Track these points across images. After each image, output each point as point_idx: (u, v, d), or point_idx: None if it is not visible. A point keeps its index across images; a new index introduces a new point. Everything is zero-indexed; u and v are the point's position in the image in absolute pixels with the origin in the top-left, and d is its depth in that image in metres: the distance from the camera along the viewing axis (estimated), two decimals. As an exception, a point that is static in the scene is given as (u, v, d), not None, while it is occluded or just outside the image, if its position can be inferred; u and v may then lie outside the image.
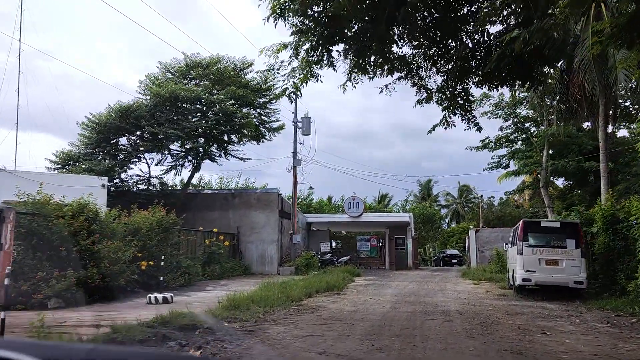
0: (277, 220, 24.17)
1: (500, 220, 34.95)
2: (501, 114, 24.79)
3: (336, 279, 18.37)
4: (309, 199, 43.02)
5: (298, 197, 43.04)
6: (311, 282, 16.11)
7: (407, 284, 19.10)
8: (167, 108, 21.60)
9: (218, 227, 23.50)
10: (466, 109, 11.39)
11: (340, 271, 21.95)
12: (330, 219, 32.06)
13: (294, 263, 23.81)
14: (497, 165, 26.32)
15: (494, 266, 23.60)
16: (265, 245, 23.96)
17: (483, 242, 30.23)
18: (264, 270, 23.76)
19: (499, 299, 13.85)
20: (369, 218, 31.30)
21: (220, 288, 16.17)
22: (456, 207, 68.78)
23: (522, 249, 13.71)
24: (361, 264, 32.22)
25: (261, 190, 24.34)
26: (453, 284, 19.25)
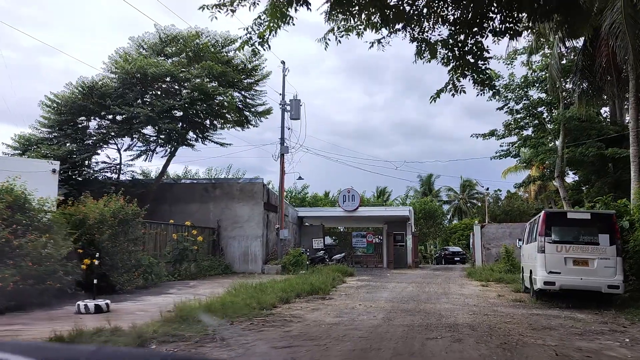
0: (263, 213, 21.79)
1: (507, 215, 32.55)
2: (511, 97, 22.33)
3: (324, 279, 16.02)
4: (303, 192, 40.65)
5: (291, 191, 40.75)
6: (293, 284, 13.74)
7: (406, 285, 16.72)
8: (135, 86, 19.19)
9: (197, 221, 21.15)
10: (479, 69, 9.01)
11: (331, 270, 19.58)
12: (324, 213, 29.67)
13: (281, 261, 21.45)
14: (506, 153, 23.89)
15: (503, 265, 21.22)
16: (249, 241, 21.60)
17: (489, 238, 27.84)
18: (247, 269, 21.40)
19: (515, 305, 11.46)
20: (366, 212, 28.91)
21: (185, 291, 13.80)
22: (458, 203, 66.40)
23: (543, 246, 11.31)
24: (357, 262, 29.86)
25: (244, 180, 21.97)
26: (458, 285, 16.87)
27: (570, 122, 19.78)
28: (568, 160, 21.05)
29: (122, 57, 19.97)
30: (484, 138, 24.30)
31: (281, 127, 22.54)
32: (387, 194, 59.80)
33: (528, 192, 45.18)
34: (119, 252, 13.38)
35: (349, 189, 28.40)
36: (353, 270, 21.27)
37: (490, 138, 24.24)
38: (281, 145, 22.35)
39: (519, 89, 22.25)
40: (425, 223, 42.74)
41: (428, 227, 43.04)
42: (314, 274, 18.04)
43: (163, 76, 18.86)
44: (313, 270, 19.58)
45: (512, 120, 23.38)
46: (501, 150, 23.92)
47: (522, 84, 22.09)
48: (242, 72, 22.07)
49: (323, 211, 30.12)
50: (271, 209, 22.69)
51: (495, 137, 24.19)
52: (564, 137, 20.87)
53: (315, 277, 16.54)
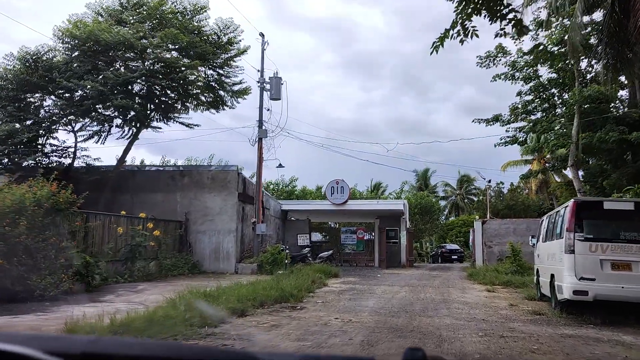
0: (237, 205, 19.19)
1: (510, 210, 30.07)
2: (519, 76, 19.76)
3: (301, 282, 13.48)
4: (291, 185, 38.06)
5: (278, 184, 38.18)
6: (258, 289, 11.17)
7: (398, 289, 14.19)
8: (86, 56, 16.52)
9: (162, 213, 18.56)
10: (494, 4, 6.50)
11: (313, 271, 17.03)
12: (310, 206, 27.07)
13: (257, 259, 18.88)
14: (512, 140, 21.33)
15: (509, 265, 18.72)
16: (221, 237, 19.01)
17: (491, 235, 25.37)
18: (219, 268, 18.82)
19: (535, 321, 8.93)
20: (356, 206, 26.35)
21: (125, 297, 11.24)
22: (455, 198, 64.05)
23: (572, 245, 8.78)
24: (346, 260, 27.35)
25: (216, 167, 19.37)
26: (459, 290, 14.34)
27: (587, 102, 17.24)
28: (584, 148, 18.53)
29: (73, 25, 17.27)
30: (488, 124, 21.76)
31: (259, 108, 19.95)
32: (382, 188, 57.27)
33: (529, 187, 42.79)
34: (42, 249, 10.79)
35: (338, 180, 25.83)
36: (338, 270, 18.72)
37: (494, 124, 21.71)
38: (259, 129, 19.74)
39: (527, 66, 19.68)
40: (421, 219, 40.27)
41: (424, 223, 40.58)
42: (292, 275, 15.49)
43: (118, 45, 16.18)
44: (292, 271, 17.02)
45: (519, 104, 20.82)
46: (506, 136, 21.40)
47: (531, 61, 19.53)
48: (215, 46, 19.42)
49: (309, 204, 27.53)
50: (247, 200, 20.10)
51: (500, 122, 21.66)
52: (579, 120, 18.34)
53: (291, 280, 14.01)
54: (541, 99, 20.55)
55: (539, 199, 33.26)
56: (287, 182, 38.02)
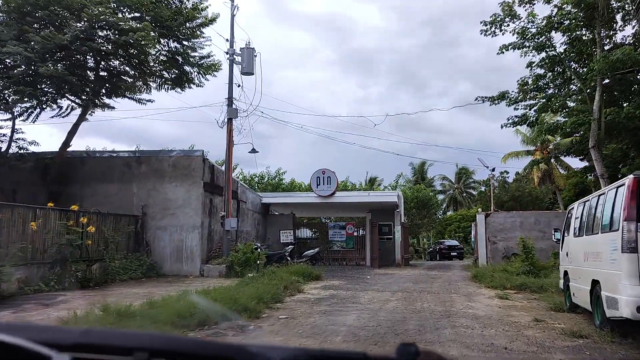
0: (202, 196, 16.45)
1: (516, 201, 27.36)
2: (530, 45, 17.00)
3: (268, 289, 10.81)
4: (278, 178, 35.26)
5: (263, 177, 35.38)
6: (198, 303, 8.44)
7: (389, 296, 11.48)
8: (12, 18, 13.71)
9: (116, 206, 15.84)
10: None
11: (289, 273, 14.34)
12: (294, 199, 24.30)
13: (226, 260, 16.16)
14: (521, 120, 18.59)
15: (519, 264, 16.02)
16: (184, 234, 16.26)
17: (495, 230, 22.69)
18: (181, 270, 16.08)
19: (580, 347, 6.25)
20: (344, 198, 23.61)
21: (22, 314, 8.50)
22: (453, 192, 61.41)
23: (636, 240, 6.10)
24: (334, 258, 24.64)
25: (178, 153, 16.60)
26: (465, 296, 11.63)
27: (612, 70, 14.51)
28: (607, 126, 15.82)
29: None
30: (492, 102, 19.01)
31: (229, 84, 17.18)
32: (377, 182, 54.58)
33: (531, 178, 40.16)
34: None
35: (324, 169, 23.09)
36: (321, 271, 16.00)
37: (500, 102, 18.95)
38: (228, 107, 16.95)
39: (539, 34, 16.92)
40: (418, 213, 37.60)
41: (421, 218, 37.93)
42: (262, 280, 12.82)
43: (48, 2, 13.35)
44: (264, 273, 14.32)
45: (529, 77, 18.05)
46: (515, 116, 18.65)
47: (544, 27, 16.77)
48: (176, 12, 16.64)
49: (293, 197, 24.75)
50: (216, 191, 17.35)
51: (507, 101, 18.90)
52: (601, 94, 15.64)
53: (258, 286, 11.36)
54: (555, 72, 17.80)
55: (541, 192, 30.59)
56: (274, 175, 35.24)
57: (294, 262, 21.25)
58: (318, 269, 17.08)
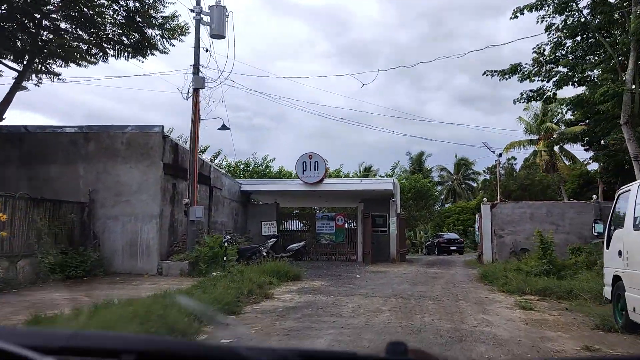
0: (162, 180, 13.88)
1: (525, 191, 24.81)
2: (551, 3, 14.37)
3: (225, 296, 8.35)
4: (265, 165, 32.68)
5: (247, 163, 32.80)
6: (121, 317, 5.92)
7: (380, 305, 8.97)
8: None
9: (59, 191, 13.28)
10: None
11: (261, 272, 11.85)
12: (277, 186, 21.71)
13: (190, 255, 13.63)
14: (537, 95, 16.05)
15: (536, 262, 13.56)
16: (139, 224, 13.71)
17: (502, 222, 20.25)
18: (135, 268, 13.55)
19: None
20: (333, 185, 21.07)
21: None
22: (452, 184, 59.00)
23: None
24: (323, 253, 22.15)
25: (133, 128, 14.00)
26: (476, 305, 9.11)
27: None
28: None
29: None
30: (502, 77, 16.45)
31: (195, 48, 14.52)
32: (372, 172, 52.07)
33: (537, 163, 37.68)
34: None
35: (311, 153, 20.53)
36: (300, 270, 13.48)
37: (512, 77, 16.41)
38: (194, 76, 14.31)
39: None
40: (415, 205, 35.10)
41: (418, 210, 35.43)
42: (224, 281, 10.34)
43: None
44: (228, 272, 11.83)
45: (548, 44, 15.45)
46: (530, 90, 16.06)
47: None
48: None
49: (276, 184, 22.16)
50: (181, 174, 14.79)
51: (519, 75, 16.35)
52: (635, 60, 13.09)
53: (218, 288, 8.91)
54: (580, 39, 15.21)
55: (552, 180, 28.06)
56: (260, 162, 32.66)
57: (276, 257, 18.81)
58: (300, 266, 14.62)
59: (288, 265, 13.31)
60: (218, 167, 30.11)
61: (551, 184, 25.74)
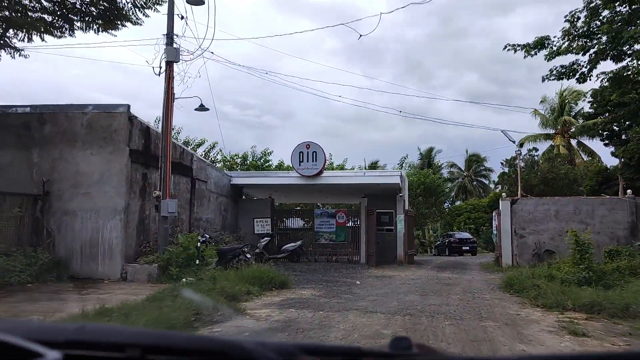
0: (128, 168, 11.84)
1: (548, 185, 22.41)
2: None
3: (180, 314, 6.31)
4: (263, 159, 30.59)
5: (245, 157, 30.71)
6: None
7: (381, 324, 6.82)
8: None
9: (6, 180, 11.30)
10: None
11: (239, 279, 9.78)
12: (271, 180, 19.56)
13: (161, 257, 11.59)
14: (569, 71, 13.78)
15: (570, 267, 11.35)
16: (101, 220, 11.68)
17: (524, 220, 18.04)
18: (95, 272, 11.53)
19: None
20: (334, 178, 18.91)
21: None
22: (463, 181, 56.61)
23: None
24: (321, 254, 20.01)
25: (95, 108, 11.99)
26: (508, 327, 6.89)
27: None
28: None
29: None
30: (528, 52, 14.20)
31: (168, 13, 12.42)
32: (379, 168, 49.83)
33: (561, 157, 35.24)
34: None
35: (308, 143, 18.41)
36: (287, 277, 11.34)
37: (538, 53, 14.17)
38: (167, 47, 12.24)
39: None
40: (425, 202, 32.89)
41: (428, 207, 33.20)
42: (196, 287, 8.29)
43: None
44: (201, 278, 9.77)
45: (582, 10, 13.16)
46: (560, 67, 13.78)
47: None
48: None
49: (270, 177, 20.00)
50: (153, 163, 12.72)
51: (547, 51, 14.09)
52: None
53: (176, 302, 6.86)
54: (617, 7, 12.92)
55: (580, 173, 25.64)
56: (259, 156, 30.57)
57: (269, 258, 16.77)
58: (294, 270, 12.60)
59: (274, 270, 11.19)
60: (212, 161, 28.17)
61: (578, 178, 23.34)
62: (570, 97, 42.10)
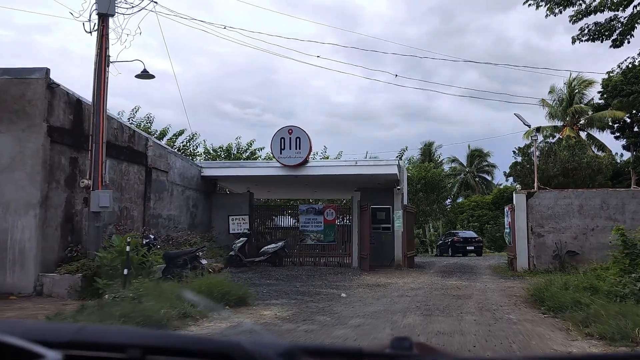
0: (45, 150, 9.21)
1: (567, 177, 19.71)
2: None
3: None
4: (250, 151, 27.90)
5: (228, 149, 28.05)
6: None
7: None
8: None
9: None
10: None
11: (176, 297, 7.16)
12: (248, 170, 16.75)
13: (88, 265, 8.97)
14: (604, 30, 11.13)
15: (616, 275, 8.73)
16: (10, 217, 9.07)
17: (542, 216, 15.47)
18: (4, 284, 8.91)
19: None
20: (321, 169, 16.20)
21: None
22: (465, 177, 53.96)
23: None
24: (308, 256, 17.38)
25: (3, 73, 9.39)
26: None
27: None
28: None
29: None
30: (551, 12, 11.57)
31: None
32: (377, 164, 47.20)
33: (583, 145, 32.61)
34: None
35: (291, 127, 15.80)
36: (246, 290, 8.64)
37: (564, 10, 11.52)
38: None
39: None
40: (426, 198, 30.26)
41: (429, 204, 30.59)
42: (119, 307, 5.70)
43: None
44: (132, 296, 7.15)
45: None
46: (595, 24, 11.15)
47: None
48: None
49: (246, 167, 17.21)
50: (85, 144, 10.08)
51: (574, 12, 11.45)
52: None
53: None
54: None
55: (605, 162, 22.98)
56: (245, 147, 27.87)
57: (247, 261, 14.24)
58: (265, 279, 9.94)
59: (228, 282, 8.58)
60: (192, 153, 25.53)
61: (603, 168, 20.65)
62: (580, 86, 39.53)
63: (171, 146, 23.46)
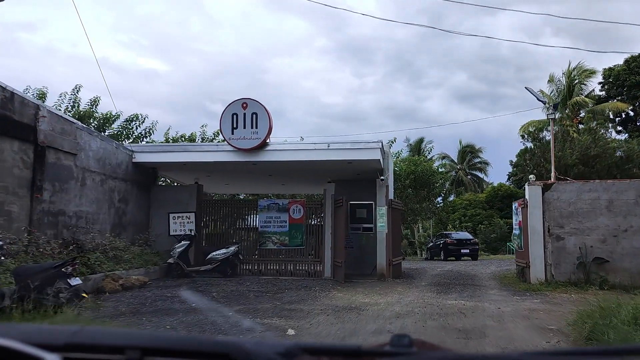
0: None
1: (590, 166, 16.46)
2: None
3: None
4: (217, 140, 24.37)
5: (193, 138, 24.53)
6: None
7: None
8: None
9: None
10: None
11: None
12: (190, 155, 13.06)
13: None
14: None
15: None
16: None
17: (561, 214, 12.31)
18: None
19: None
20: (283, 154, 12.77)
21: None
22: (457, 174, 51.01)
23: None
24: (270, 262, 13.98)
25: None
26: None
27: None
28: None
29: None
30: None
31: None
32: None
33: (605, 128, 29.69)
34: None
35: (245, 101, 12.46)
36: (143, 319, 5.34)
37: None
38: None
39: None
40: (415, 194, 27.07)
41: (419, 201, 27.40)
42: None
43: None
44: None
45: None
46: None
47: None
48: None
49: (191, 151, 13.57)
50: None
51: None
52: None
53: None
54: None
55: (636, 148, 19.91)
56: (211, 137, 24.40)
57: (189, 271, 10.91)
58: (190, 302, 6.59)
59: (91, 319, 5.20)
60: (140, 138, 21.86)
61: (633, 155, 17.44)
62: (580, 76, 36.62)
63: (126, 136, 19.92)
